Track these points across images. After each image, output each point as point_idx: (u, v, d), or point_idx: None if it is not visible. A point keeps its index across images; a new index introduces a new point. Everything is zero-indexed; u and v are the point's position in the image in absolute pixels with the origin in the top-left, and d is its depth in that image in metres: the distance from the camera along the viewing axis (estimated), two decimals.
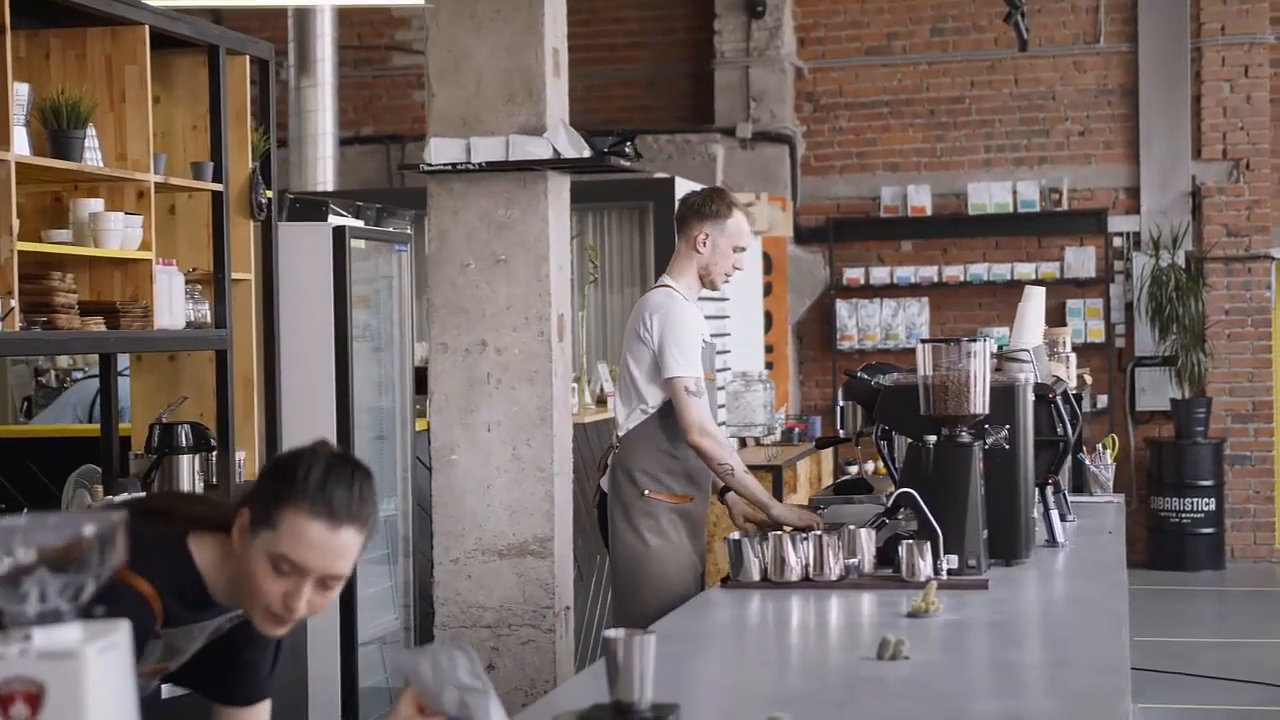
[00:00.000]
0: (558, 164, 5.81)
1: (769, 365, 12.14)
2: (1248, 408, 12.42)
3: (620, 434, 5.25)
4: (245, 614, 2.66)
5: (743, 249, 5.27)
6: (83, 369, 8.73)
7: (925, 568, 4.16)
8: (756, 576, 4.25)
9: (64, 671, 1.72)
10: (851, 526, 4.37)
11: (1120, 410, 12.50)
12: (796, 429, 10.99)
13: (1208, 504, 12.06)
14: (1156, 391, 12.41)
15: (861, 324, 12.79)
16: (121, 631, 1.80)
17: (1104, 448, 6.40)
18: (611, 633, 2.72)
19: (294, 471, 2.56)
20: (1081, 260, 12.47)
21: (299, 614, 2.58)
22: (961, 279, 12.58)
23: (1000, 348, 5.37)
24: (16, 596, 1.75)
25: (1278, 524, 12.58)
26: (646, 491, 5.14)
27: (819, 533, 4.31)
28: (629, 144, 6.25)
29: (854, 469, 12.10)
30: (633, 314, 5.27)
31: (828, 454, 11.20)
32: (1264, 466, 12.44)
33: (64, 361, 8.66)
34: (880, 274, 12.72)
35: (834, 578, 4.21)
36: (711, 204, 5.25)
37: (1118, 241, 12.56)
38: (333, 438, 6.19)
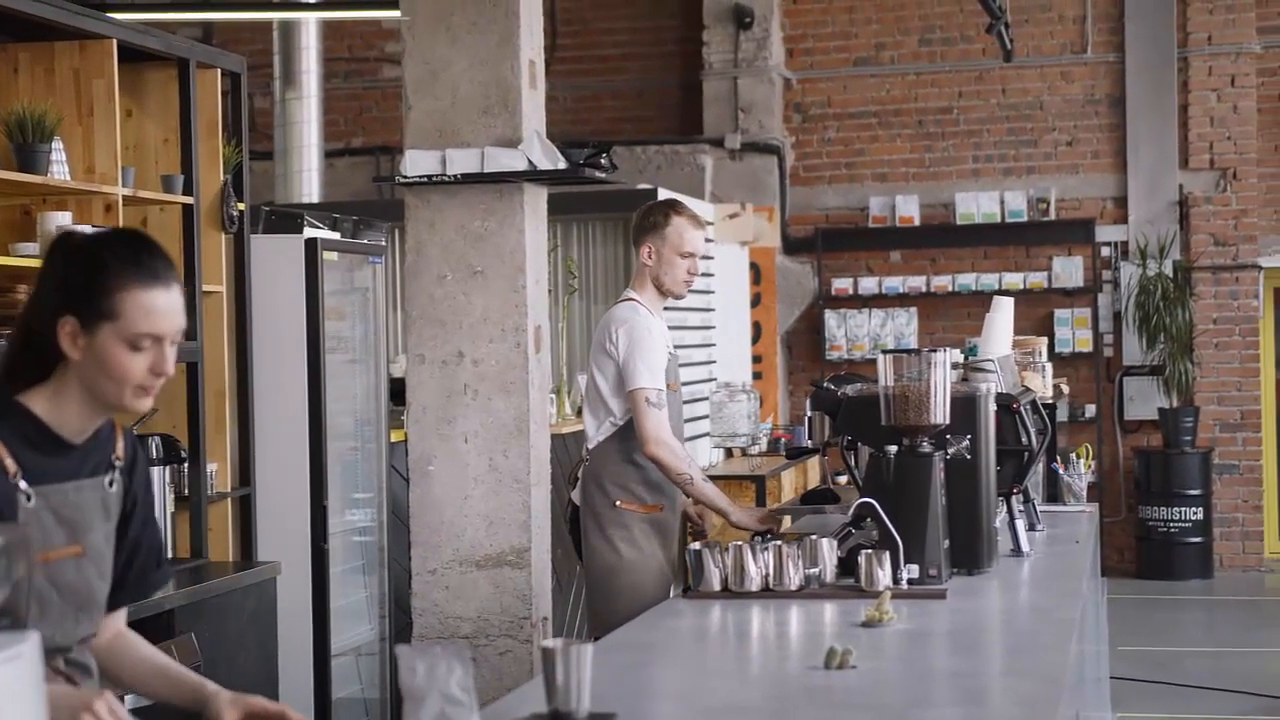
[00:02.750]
0: (533, 176, 5.83)
1: (758, 375, 12.16)
2: (1236, 417, 12.43)
3: (590, 446, 5.32)
4: (109, 412, 2.70)
5: (690, 254, 5.32)
6: None
7: (884, 577, 4.17)
8: (717, 586, 4.26)
9: None
10: (813, 536, 4.38)
11: (1108, 420, 12.51)
12: (784, 439, 11.00)
13: (1196, 513, 12.06)
14: (1144, 401, 12.41)
15: (850, 334, 12.81)
16: (30, 643, 1.82)
17: (1077, 457, 6.41)
18: (548, 643, 2.74)
19: (102, 261, 2.63)
20: (1069, 270, 12.48)
21: (165, 377, 2.67)
22: (950, 289, 12.60)
23: (967, 357, 5.38)
24: None
25: (1266, 533, 12.59)
26: (618, 502, 5.22)
27: (779, 543, 4.32)
28: (605, 155, 6.26)
29: (844, 479, 12.11)
30: (598, 328, 5.35)
31: (814, 464, 11.21)
32: (1252, 475, 12.45)
33: None
34: (869, 284, 12.73)
35: (794, 587, 4.22)
36: (649, 216, 5.37)
37: (1105, 251, 12.57)
38: (306, 449, 6.22)
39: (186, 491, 5.57)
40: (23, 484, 2.62)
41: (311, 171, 10.82)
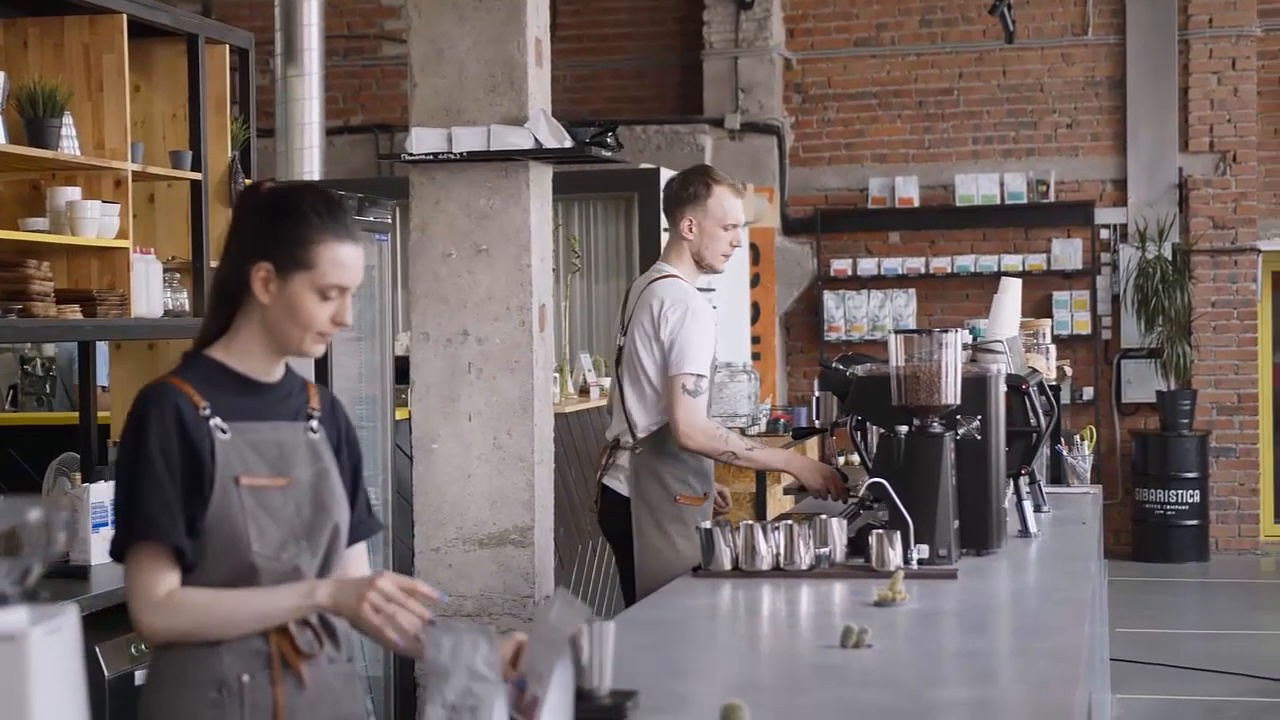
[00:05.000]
0: (539, 154, 5.83)
1: (756, 356, 12.17)
2: (1233, 400, 12.46)
3: (639, 435, 5.08)
4: (286, 355, 2.86)
5: (733, 225, 5.11)
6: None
7: (895, 557, 4.18)
8: (728, 566, 4.26)
9: (9, 653, 1.74)
10: (823, 516, 4.39)
11: (1106, 402, 12.54)
12: (783, 419, 11.02)
13: (1192, 496, 12.09)
14: (1142, 383, 12.44)
15: (849, 315, 12.81)
16: (68, 616, 1.82)
17: (1081, 439, 6.42)
18: None
19: (303, 213, 2.79)
20: (1068, 252, 12.49)
21: (344, 328, 2.84)
22: (949, 270, 12.61)
23: (975, 338, 5.38)
24: None
25: (1262, 516, 12.62)
26: (678, 497, 5.04)
27: (790, 522, 4.32)
28: (610, 134, 6.26)
29: (841, 459, 12.13)
30: (637, 306, 5.11)
31: (814, 444, 11.23)
32: (1249, 459, 12.48)
33: (50, 349, 8.66)
34: (868, 265, 12.74)
35: (804, 567, 4.23)
36: (689, 187, 5.12)
37: (1104, 233, 12.59)
38: None
39: None
40: (216, 420, 2.76)
41: (313, 149, 10.71)
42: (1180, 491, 12.08)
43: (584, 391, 8.16)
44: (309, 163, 10.79)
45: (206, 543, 2.74)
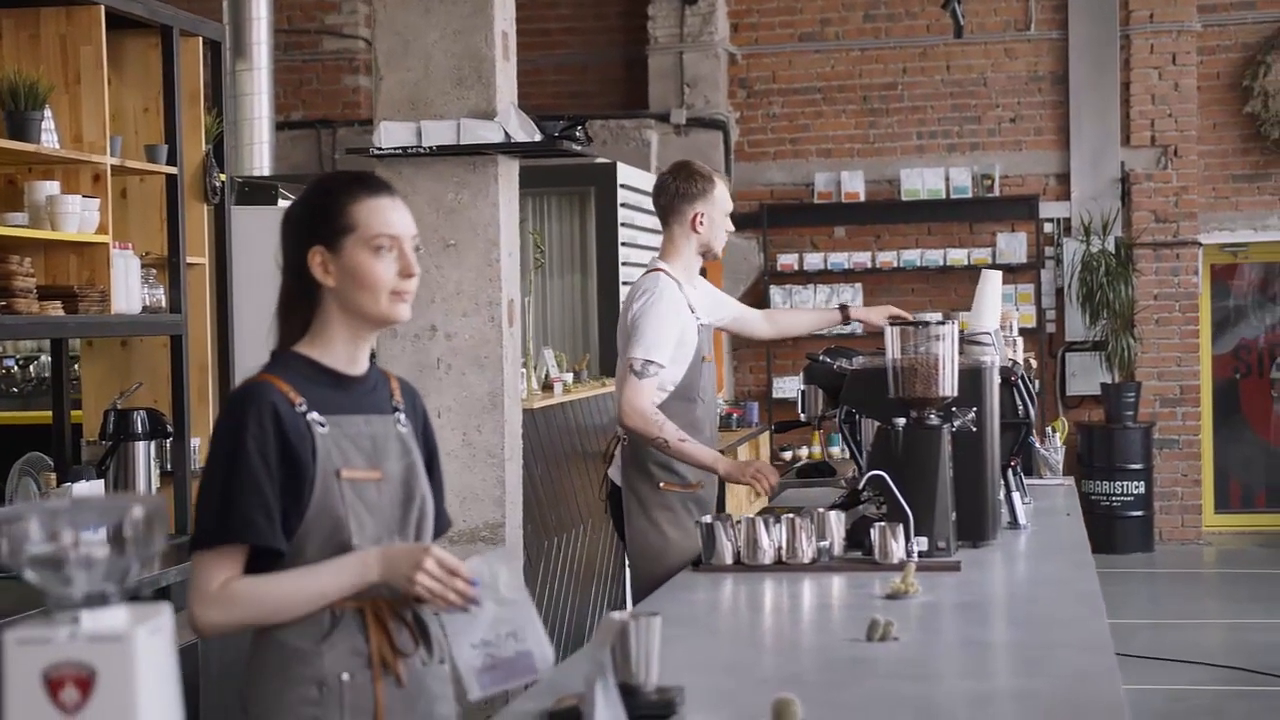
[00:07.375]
0: (508, 148, 5.80)
1: None
2: (1176, 392, 12.58)
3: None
4: (372, 328, 2.84)
5: (729, 212, 5.33)
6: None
7: (898, 550, 4.18)
8: (729, 560, 4.25)
9: (114, 654, 1.70)
10: (821, 509, 4.38)
11: (1051, 394, 12.62)
12: (734, 415, 11.03)
13: (1137, 487, 12.20)
14: (1087, 376, 12.54)
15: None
16: (165, 614, 1.78)
17: (1053, 431, 6.45)
18: (618, 615, 2.71)
19: (329, 189, 2.84)
20: (1013, 246, 12.57)
21: (414, 279, 2.81)
22: (895, 265, 12.64)
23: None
24: (63, 579, 1.73)
25: (1204, 507, 12.75)
26: (662, 484, 5.09)
27: (791, 516, 4.31)
28: (579, 128, 6.25)
29: (788, 454, 12.16)
30: (624, 301, 5.20)
31: (765, 439, 11.25)
32: (1191, 450, 12.60)
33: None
34: (814, 260, 12.76)
35: (806, 561, 4.22)
36: (696, 183, 5.23)
37: (1048, 227, 12.67)
38: None
39: (170, 466, 5.48)
40: (313, 414, 2.76)
41: (263, 144, 10.68)
42: (1125, 483, 12.19)
43: (548, 387, 8.11)
44: (258, 158, 10.72)
45: (307, 537, 2.73)
